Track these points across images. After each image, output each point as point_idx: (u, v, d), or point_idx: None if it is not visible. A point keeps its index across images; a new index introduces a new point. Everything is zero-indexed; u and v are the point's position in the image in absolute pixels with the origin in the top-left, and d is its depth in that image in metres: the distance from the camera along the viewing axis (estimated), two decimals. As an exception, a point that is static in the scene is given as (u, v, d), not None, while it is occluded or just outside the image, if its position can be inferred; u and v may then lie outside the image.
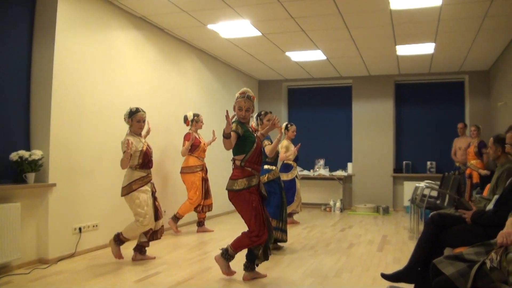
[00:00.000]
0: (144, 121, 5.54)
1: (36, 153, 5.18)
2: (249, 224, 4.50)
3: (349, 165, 11.61)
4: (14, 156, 5.02)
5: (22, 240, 5.04)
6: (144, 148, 5.47)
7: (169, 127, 7.80)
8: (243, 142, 4.54)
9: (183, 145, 7.40)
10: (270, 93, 12.19)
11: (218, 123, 9.41)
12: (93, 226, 6.05)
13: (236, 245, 4.59)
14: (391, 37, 8.00)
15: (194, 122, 7.51)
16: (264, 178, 5.95)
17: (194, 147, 7.42)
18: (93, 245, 6.04)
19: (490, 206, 3.80)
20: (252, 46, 8.75)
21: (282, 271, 5.12)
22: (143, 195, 5.35)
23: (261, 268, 4.90)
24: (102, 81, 6.28)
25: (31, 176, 5.17)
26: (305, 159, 11.32)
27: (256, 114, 6.26)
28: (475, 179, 8.56)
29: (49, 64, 5.48)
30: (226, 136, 4.31)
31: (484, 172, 8.38)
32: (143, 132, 5.76)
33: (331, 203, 11.06)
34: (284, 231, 6.05)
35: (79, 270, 5.08)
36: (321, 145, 11.98)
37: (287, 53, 9.27)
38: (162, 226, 5.71)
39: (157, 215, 5.58)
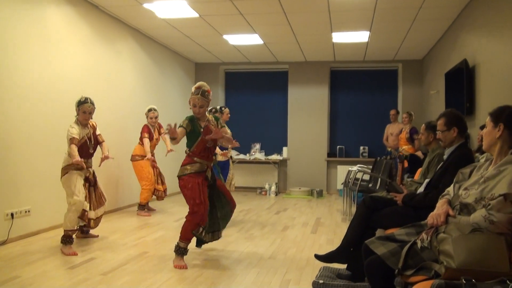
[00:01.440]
0: (90, 113, 5.38)
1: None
2: (188, 204, 4.65)
3: (284, 149, 11.73)
4: None
5: None
6: (84, 140, 5.34)
7: (102, 109, 7.56)
8: (190, 135, 4.74)
9: (142, 137, 7.64)
10: (207, 76, 12.07)
11: (153, 105, 9.26)
12: (26, 211, 5.80)
13: (182, 235, 4.64)
14: (327, 24, 8.08)
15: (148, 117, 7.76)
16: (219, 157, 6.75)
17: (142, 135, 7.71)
18: (26, 231, 5.80)
19: (421, 189, 3.92)
20: (189, 28, 8.62)
21: (217, 254, 5.12)
22: (74, 176, 5.19)
23: (195, 252, 4.89)
24: (33, 59, 5.98)
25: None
26: (241, 143, 11.11)
27: (214, 109, 6.90)
28: (406, 163, 8.84)
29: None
30: (172, 139, 4.53)
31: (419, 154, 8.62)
32: (104, 153, 5.68)
33: (267, 186, 11.15)
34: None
35: (12, 257, 4.88)
36: (257, 129, 12.02)
37: (225, 36, 9.19)
38: (101, 215, 5.70)
39: (100, 201, 5.63)
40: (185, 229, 4.64)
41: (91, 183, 5.52)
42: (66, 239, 5.09)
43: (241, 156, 11.48)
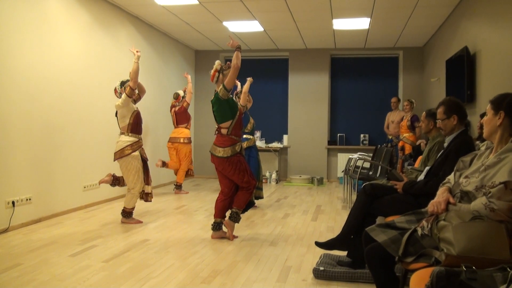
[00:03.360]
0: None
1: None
2: (239, 181, 5.17)
3: (285, 137, 11.72)
4: None
5: None
6: (136, 112, 5.87)
7: (102, 96, 7.56)
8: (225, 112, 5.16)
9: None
10: (207, 63, 11.99)
11: (154, 93, 9.25)
12: (27, 199, 5.82)
13: (240, 204, 5.23)
14: (328, 10, 8.04)
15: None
16: (244, 145, 6.92)
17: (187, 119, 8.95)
18: (28, 219, 5.83)
19: (421, 177, 3.93)
20: (189, 15, 8.57)
21: (218, 242, 5.14)
22: (135, 162, 5.79)
23: (197, 239, 4.91)
24: (33, 47, 5.95)
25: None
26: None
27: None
28: (407, 151, 8.85)
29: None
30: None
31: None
32: None
33: (267, 174, 11.16)
34: (260, 189, 7.31)
35: (13, 245, 4.90)
36: (258, 117, 11.91)
37: (224, 23, 9.15)
38: (151, 192, 6.13)
39: (148, 180, 6.06)
40: (244, 199, 5.22)
41: (144, 160, 6.00)
42: (127, 214, 5.95)
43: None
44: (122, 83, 5.91)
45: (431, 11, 7.99)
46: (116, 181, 6.09)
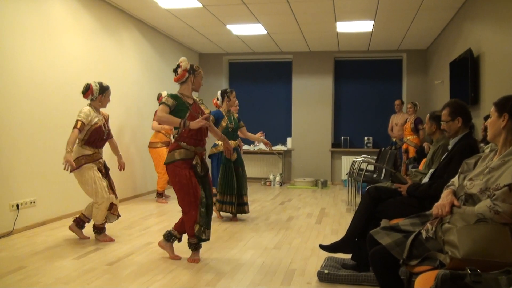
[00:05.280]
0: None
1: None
2: (178, 201, 4.41)
3: (289, 139, 11.73)
4: None
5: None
6: (98, 125, 5.10)
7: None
8: (177, 115, 4.34)
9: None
10: (211, 66, 12.05)
11: (156, 96, 9.26)
12: (31, 202, 5.83)
13: (189, 233, 4.43)
14: (331, 13, 8.05)
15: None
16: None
17: None
18: (32, 222, 5.84)
19: (425, 180, 3.92)
20: (193, 18, 8.59)
21: (222, 245, 5.14)
22: (90, 172, 5.02)
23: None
24: (37, 50, 5.98)
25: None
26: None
27: (221, 91, 6.59)
28: (411, 153, 8.84)
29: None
30: (184, 125, 4.25)
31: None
32: (117, 153, 5.59)
33: (271, 177, 11.17)
34: (242, 204, 6.45)
35: (17, 248, 4.91)
36: (261, 119, 12.00)
37: (228, 26, 9.16)
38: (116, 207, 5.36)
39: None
40: (187, 229, 4.39)
41: (103, 174, 5.24)
42: (97, 230, 5.21)
43: (246, 147, 11.45)
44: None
45: (435, 13, 7.99)
46: (81, 221, 5.32)
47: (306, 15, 8.26)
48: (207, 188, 4.50)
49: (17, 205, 5.60)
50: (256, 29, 9.36)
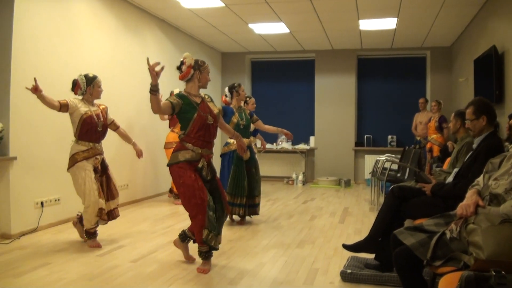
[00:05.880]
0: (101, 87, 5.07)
1: (-4, 126, 5.02)
2: (184, 205, 4.15)
3: (312, 138, 11.69)
4: (-28, 129, 4.78)
5: (-17, 215, 4.94)
6: (88, 115, 4.86)
7: (130, 98, 7.66)
8: (183, 115, 4.15)
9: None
10: (234, 65, 12.10)
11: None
12: (55, 200, 5.93)
13: (192, 228, 4.21)
14: (354, 11, 8.00)
15: None
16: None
17: (175, 121, 7.41)
18: (56, 220, 5.94)
19: (450, 179, 3.88)
20: (215, 17, 8.63)
21: (245, 243, 5.15)
22: (82, 173, 4.80)
23: (224, 240, 4.93)
24: (62, 50, 6.08)
25: (-10, 150, 5.03)
26: (268, 133, 11.26)
27: (228, 86, 6.33)
28: (435, 152, 8.74)
29: (7, 33, 5.28)
30: (153, 89, 3.92)
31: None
32: (130, 141, 5.45)
33: (294, 176, 11.15)
34: (253, 206, 6.15)
35: (42, 244, 5.00)
36: (284, 118, 11.98)
37: (250, 25, 9.18)
38: (116, 207, 5.16)
39: (112, 194, 5.11)
40: (196, 235, 4.08)
41: (99, 173, 4.99)
42: (89, 235, 4.91)
43: (268, 146, 11.43)
44: None
45: (458, 10, 7.88)
46: (82, 219, 5.09)
47: (329, 13, 8.22)
48: (215, 192, 4.25)
49: (42, 203, 5.70)
50: (278, 28, 9.35)
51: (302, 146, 11.46)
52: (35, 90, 4.54)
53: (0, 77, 5.29)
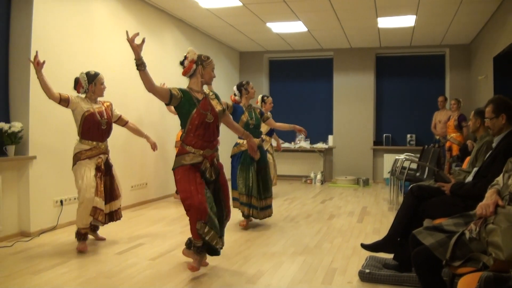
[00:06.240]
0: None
1: (16, 125, 5.09)
2: (179, 192, 3.97)
3: (330, 137, 11.65)
4: (-7, 128, 4.85)
5: (3, 213, 5.03)
6: (90, 112, 4.82)
7: (149, 98, 7.68)
8: (183, 110, 4.09)
9: None
10: (252, 64, 12.11)
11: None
12: (75, 198, 5.97)
13: (190, 230, 3.92)
14: (372, 9, 7.95)
15: None
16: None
17: None
18: (75, 218, 5.98)
19: (469, 179, 3.84)
20: (233, 17, 8.64)
21: (263, 242, 5.16)
22: (82, 168, 4.71)
23: (242, 239, 4.94)
24: (81, 51, 6.14)
25: (11, 149, 5.11)
26: (286, 132, 11.26)
27: (236, 85, 6.25)
28: (455, 151, 8.65)
29: (27, 33, 5.36)
30: (137, 63, 3.87)
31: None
32: (143, 135, 5.40)
33: (312, 175, 11.12)
34: (263, 208, 5.91)
35: (61, 242, 5.06)
36: (302, 117, 11.95)
37: (268, 24, 9.18)
38: (119, 208, 5.11)
39: (114, 194, 5.03)
40: (191, 229, 3.87)
41: (102, 172, 4.86)
42: (79, 236, 4.73)
43: (286, 145, 11.46)
44: None
45: (477, 6, 7.79)
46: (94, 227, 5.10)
47: (347, 12, 8.19)
48: (219, 193, 4.14)
49: (61, 201, 5.78)
50: (296, 27, 9.33)
51: (320, 145, 11.43)
52: (37, 64, 4.51)
53: (19, 77, 5.38)
